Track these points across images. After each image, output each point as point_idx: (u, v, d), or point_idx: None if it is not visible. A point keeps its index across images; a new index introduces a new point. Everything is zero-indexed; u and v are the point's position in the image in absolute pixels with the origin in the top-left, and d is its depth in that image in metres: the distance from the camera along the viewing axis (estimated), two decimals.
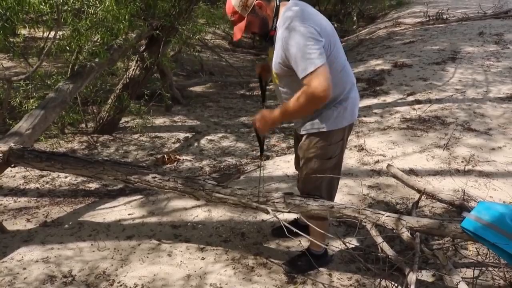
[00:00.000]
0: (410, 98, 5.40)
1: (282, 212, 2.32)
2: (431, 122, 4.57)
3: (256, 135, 2.43)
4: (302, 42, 1.88)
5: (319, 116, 2.14)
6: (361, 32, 12.00)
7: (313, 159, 2.23)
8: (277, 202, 2.31)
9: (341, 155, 2.31)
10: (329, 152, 2.22)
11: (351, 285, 2.35)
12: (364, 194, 3.26)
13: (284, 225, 2.21)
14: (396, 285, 2.20)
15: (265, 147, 2.68)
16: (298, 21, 1.93)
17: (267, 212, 2.29)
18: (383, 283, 2.24)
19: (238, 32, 2.07)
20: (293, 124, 2.45)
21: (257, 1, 2.01)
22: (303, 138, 2.24)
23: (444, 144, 3.99)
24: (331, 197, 2.38)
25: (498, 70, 6.05)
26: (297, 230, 2.18)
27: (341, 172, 2.40)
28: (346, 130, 2.23)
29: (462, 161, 3.69)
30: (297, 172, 2.71)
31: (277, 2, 2.07)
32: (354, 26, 13.66)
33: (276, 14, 2.05)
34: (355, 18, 14.07)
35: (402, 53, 7.56)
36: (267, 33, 2.10)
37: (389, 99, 5.54)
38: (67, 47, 3.90)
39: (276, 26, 2.05)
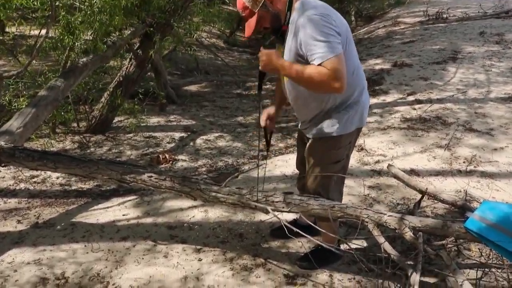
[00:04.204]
0: (411, 98, 5.34)
1: (282, 211, 2.25)
2: (432, 122, 4.51)
3: (259, 82, 2.19)
4: (320, 29, 1.79)
5: (328, 119, 2.08)
6: (359, 32, 11.96)
7: (320, 163, 2.17)
8: (276, 202, 2.24)
9: (348, 157, 2.27)
10: (337, 156, 2.17)
11: (352, 286, 2.28)
12: (365, 195, 3.20)
13: (284, 225, 2.15)
14: (399, 285, 2.15)
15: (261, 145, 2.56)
16: (316, 11, 1.84)
17: (267, 212, 2.22)
18: (386, 284, 2.18)
19: (248, 28, 1.98)
20: (291, 124, 2.38)
21: None
22: (310, 141, 2.18)
23: (446, 144, 3.93)
24: (340, 197, 2.34)
25: (500, 70, 6.00)
26: (298, 230, 2.11)
27: None
28: (355, 134, 2.17)
29: (464, 162, 3.63)
30: (297, 171, 2.65)
31: None
32: (352, 25, 13.61)
33: (289, 9, 1.95)
34: (353, 18, 14.02)
35: (401, 53, 7.50)
36: (279, 28, 1.99)
37: (389, 98, 5.49)
38: (58, 44, 3.81)
39: (289, 21, 1.96)
